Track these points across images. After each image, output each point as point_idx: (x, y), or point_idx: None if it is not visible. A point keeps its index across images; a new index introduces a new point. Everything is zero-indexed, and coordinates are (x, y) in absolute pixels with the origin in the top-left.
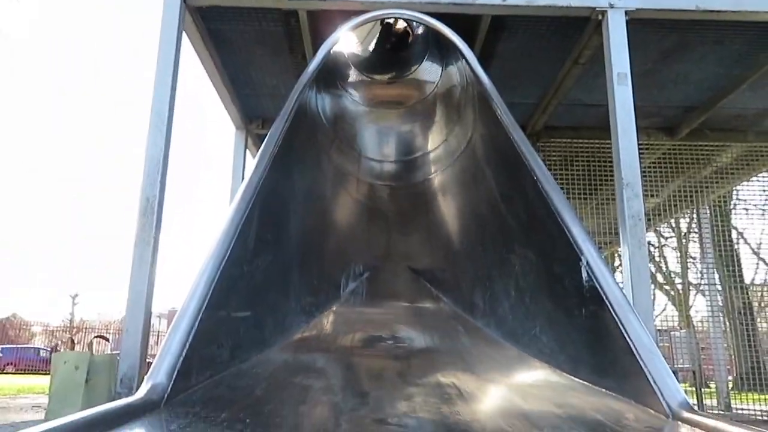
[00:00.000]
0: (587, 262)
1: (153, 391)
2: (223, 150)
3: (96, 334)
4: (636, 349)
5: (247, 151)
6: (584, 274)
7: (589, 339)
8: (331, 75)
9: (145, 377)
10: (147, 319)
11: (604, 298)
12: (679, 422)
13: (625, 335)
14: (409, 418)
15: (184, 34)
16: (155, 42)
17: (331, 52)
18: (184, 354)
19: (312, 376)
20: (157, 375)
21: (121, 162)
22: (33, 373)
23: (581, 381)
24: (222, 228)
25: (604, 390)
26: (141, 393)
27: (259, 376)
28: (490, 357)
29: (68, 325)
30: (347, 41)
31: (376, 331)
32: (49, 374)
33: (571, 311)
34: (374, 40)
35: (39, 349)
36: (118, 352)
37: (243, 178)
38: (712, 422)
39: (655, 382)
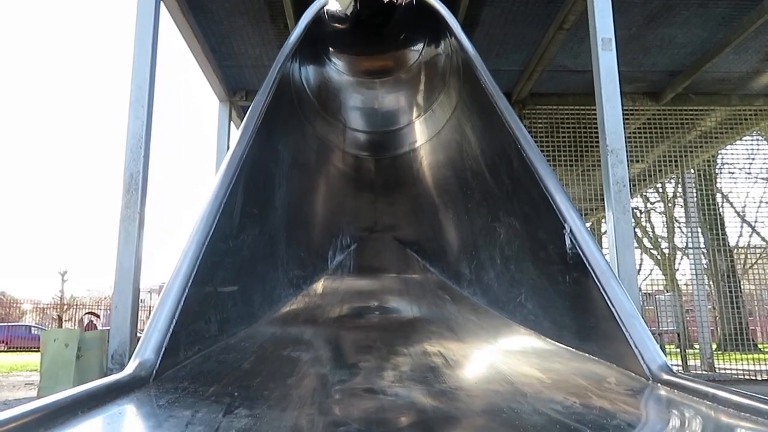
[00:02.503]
0: (570, 230)
1: (141, 368)
2: (208, 122)
3: (86, 311)
4: (617, 314)
5: (231, 123)
6: (567, 242)
7: (573, 305)
8: (315, 44)
9: (133, 354)
10: (135, 294)
11: (587, 264)
12: (659, 384)
13: (607, 301)
14: (396, 387)
15: (162, 5)
16: (133, 13)
17: (314, 20)
18: (171, 330)
19: (300, 349)
20: (145, 352)
21: (109, 136)
22: (25, 351)
23: (565, 346)
24: (206, 203)
25: (587, 354)
26: (129, 370)
27: (247, 350)
28: (477, 325)
29: (59, 302)
30: (330, 9)
31: (364, 302)
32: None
33: (555, 278)
34: (352, 7)
35: (30, 326)
36: (108, 327)
37: (228, 151)
38: (690, 384)
39: (635, 345)
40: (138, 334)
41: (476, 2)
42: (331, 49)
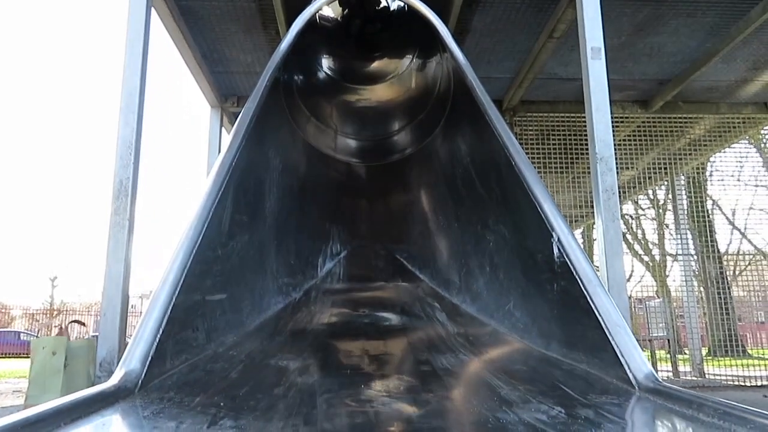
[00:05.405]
0: (558, 238)
1: (126, 378)
2: (201, 128)
3: (72, 319)
4: (604, 323)
5: (223, 129)
6: (555, 250)
7: (561, 313)
8: (306, 50)
9: (119, 364)
10: (124, 302)
11: (574, 273)
12: (645, 393)
13: (594, 310)
14: (384, 397)
15: (153, 11)
16: (124, 19)
17: (305, 27)
18: (158, 339)
19: (288, 358)
20: (131, 361)
21: (100, 141)
22: (14, 357)
23: (553, 355)
24: (195, 210)
25: (574, 363)
26: (114, 380)
27: (234, 359)
28: (465, 333)
29: (48, 307)
30: (322, 15)
31: (354, 310)
32: (29, 358)
33: (543, 286)
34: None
35: (19, 332)
36: (96, 334)
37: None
38: (675, 393)
39: (622, 354)
40: (127, 341)
41: (467, 10)
42: (322, 55)
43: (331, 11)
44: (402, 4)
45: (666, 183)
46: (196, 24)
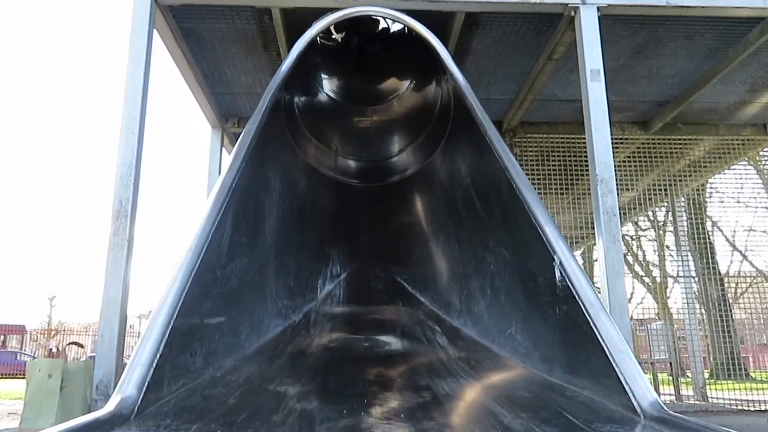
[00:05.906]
0: (560, 262)
1: (122, 405)
2: (201, 149)
3: (70, 341)
4: (608, 348)
5: (224, 149)
6: (557, 274)
7: (563, 338)
8: (307, 72)
9: (115, 390)
10: (122, 323)
11: (577, 297)
12: (650, 421)
13: (597, 335)
14: (384, 424)
15: (155, 33)
16: (126, 41)
17: (306, 48)
18: (155, 364)
19: (287, 383)
20: (127, 387)
21: (101, 160)
22: (11, 377)
23: (555, 381)
24: (194, 232)
25: (577, 389)
26: (110, 407)
27: (233, 384)
28: (467, 358)
29: (46, 327)
30: (323, 38)
31: (353, 333)
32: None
33: (545, 310)
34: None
35: (16, 352)
36: (94, 355)
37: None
38: (680, 422)
39: (626, 381)
40: (125, 362)
41: (467, 32)
42: (323, 76)
43: (333, 33)
44: (402, 26)
45: (666, 204)
46: (198, 45)
